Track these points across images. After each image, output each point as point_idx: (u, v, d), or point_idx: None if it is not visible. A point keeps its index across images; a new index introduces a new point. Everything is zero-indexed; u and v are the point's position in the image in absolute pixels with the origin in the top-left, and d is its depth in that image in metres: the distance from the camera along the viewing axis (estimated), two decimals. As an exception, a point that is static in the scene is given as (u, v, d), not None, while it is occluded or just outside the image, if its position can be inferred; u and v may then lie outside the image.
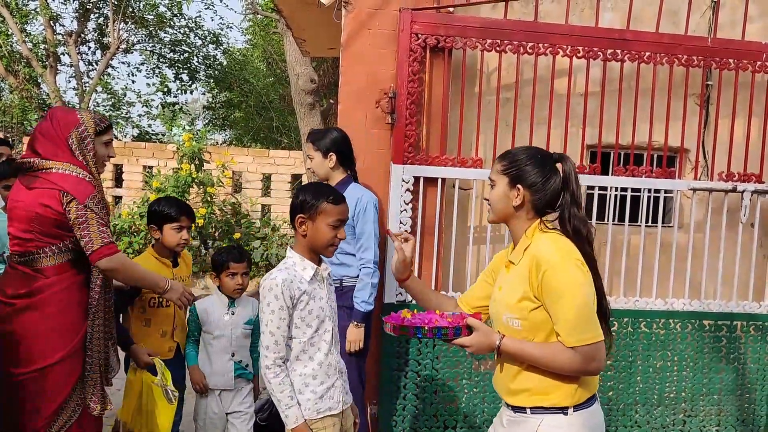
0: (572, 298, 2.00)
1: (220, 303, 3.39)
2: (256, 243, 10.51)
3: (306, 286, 2.44)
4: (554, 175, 2.15)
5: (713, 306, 4.13)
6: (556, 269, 2.01)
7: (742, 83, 4.16)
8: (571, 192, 2.15)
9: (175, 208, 3.34)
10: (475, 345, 2.10)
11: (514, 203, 2.16)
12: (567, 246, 2.09)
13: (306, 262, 2.48)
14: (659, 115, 4.08)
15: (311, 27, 6.00)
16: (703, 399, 4.17)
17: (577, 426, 2.09)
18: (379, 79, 3.99)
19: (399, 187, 3.85)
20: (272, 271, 2.46)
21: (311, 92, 9.85)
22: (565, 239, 2.12)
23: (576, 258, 2.05)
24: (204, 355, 3.38)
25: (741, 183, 4.14)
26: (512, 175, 2.16)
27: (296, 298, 2.41)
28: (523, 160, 2.16)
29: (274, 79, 17.53)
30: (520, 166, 2.15)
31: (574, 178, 2.16)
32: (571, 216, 2.14)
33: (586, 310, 2.01)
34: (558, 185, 2.15)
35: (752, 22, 4.27)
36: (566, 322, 2.00)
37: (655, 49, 4.00)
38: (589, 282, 2.05)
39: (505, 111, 4.07)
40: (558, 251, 2.05)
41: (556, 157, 2.20)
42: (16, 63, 14.86)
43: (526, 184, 2.14)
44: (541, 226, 2.16)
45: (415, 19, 3.84)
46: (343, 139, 3.65)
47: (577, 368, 2.03)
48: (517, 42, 3.91)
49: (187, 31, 17.43)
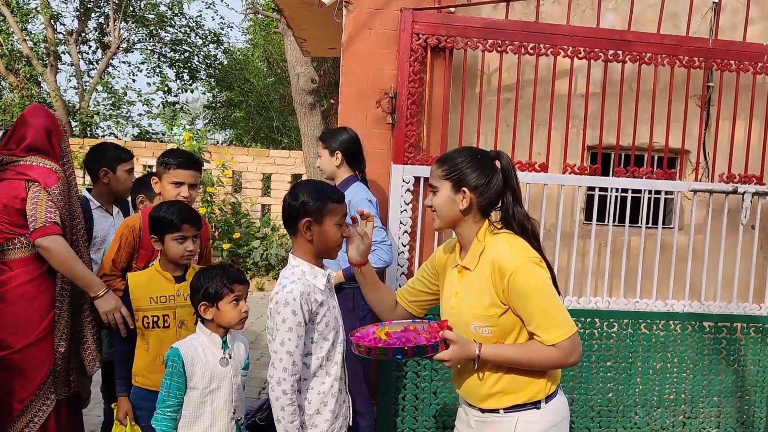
0: (543, 297, 2.03)
1: (211, 344, 2.56)
2: (256, 243, 10.51)
3: (320, 296, 2.27)
4: (495, 174, 2.14)
5: (713, 308, 4.12)
6: (520, 272, 2.01)
7: (743, 85, 4.16)
8: (512, 189, 2.16)
9: (177, 214, 2.81)
10: (454, 358, 2.06)
11: (461, 207, 2.13)
12: (522, 246, 2.10)
13: (316, 269, 2.30)
14: (660, 116, 4.07)
15: (312, 27, 6.00)
16: (703, 401, 4.16)
17: (552, 415, 2.14)
18: (379, 79, 3.99)
19: (399, 188, 3.84)
20: (284, 283, 2.23)
21: (312, 92, 9.85)
22: (517, 238, 2.12)
23: (534, 256, 2.08)
24: (192, 418, 2.51)
25: (742, 185, 4.14)
26: (455, 178, 2.13)
27: (314, 312, 2.24)
28: (464, 162, 2.13)
29: (275, 79, 17.54)
30: (461, 168, 2.13)
31: (513, 174, 2.17)
32: (515, 213, 2.15)
33: (557, 306, 2.05)
34: (500, 183, 2.14)
35: (753, 24, 4.27)
36: (542, 321, 2.02)
37: (656, 50, 4.00)
38: (549, 278, 2.08)
39: (505, 112, 4.07)
40: (517, 254, 2.05)
41: (493, 155, 2.19)
42: (16, 62, 14.87)
43: (470, 186, 2.12)
44: (490, 228, 2.15)
45: (416, 19, 3.83)
46: (352, 140, 3.64)
47: (559, 363, 2.07)
48: (518, 42, 3.91)
49: (188, 30, 17.46)
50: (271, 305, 2.22)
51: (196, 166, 3.11)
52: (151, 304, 2.80)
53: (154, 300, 2.80)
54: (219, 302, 2.51)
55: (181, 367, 2.46)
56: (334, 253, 2.35)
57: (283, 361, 2.17)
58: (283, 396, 2.17)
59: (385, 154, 4.00)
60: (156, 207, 2.89)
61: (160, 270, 2.85)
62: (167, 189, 3.04)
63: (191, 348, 2.51)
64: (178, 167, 3.04)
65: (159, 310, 2.80)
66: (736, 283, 4.17)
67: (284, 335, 2.16)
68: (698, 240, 4.22)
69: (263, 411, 3.90)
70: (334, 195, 2.30)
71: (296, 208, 2.26)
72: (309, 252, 2.29)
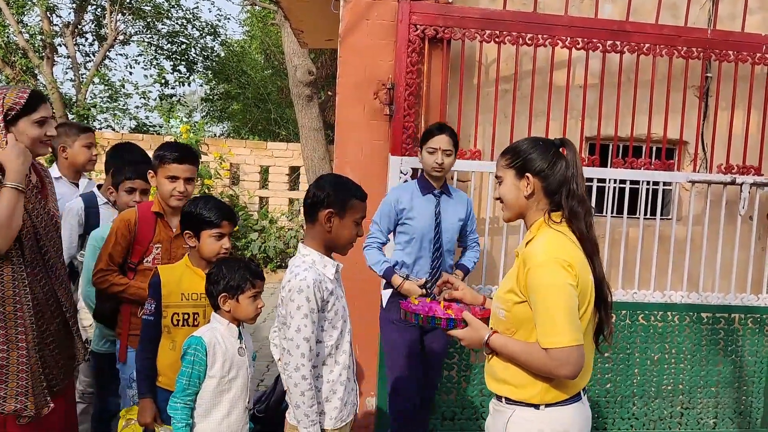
0: (549, 300, 1.98)
1: (229, 334, 2.57)
2: (254, 235, 10.51)
3: (330, 285, 2.32)
4: (559, 160, 2.13)
5: (711, 299, 4.13)
6: (538, 268, 2.00)
7: (742, 75, 4.15)
8: (572, 176, 2.13)
9: (216, 211, 2.73)
10: (467, 338, 2.17)
11: (525, 192, 2.14)
12: (559, 246, 2.05)
13: (325, 259, 2.35)
14: (658, 107, 4.06)
15: (309, 18, 5.98)
16: (701, 391, 4.18)
17: (548, 421, 2.07)
18: (377, 70, 3.97)
19: (397, 179, 3.83)
20: (296, 271, 2.26)
21: (309, 84, 9.82)
22: (563, 238, 2.07)
23: (563, 259, 2.00)
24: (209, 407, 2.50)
25: (740, 175, 4.14)
26: (518, 165, 2.14)
27: (325, 300, 2.29)
28: (526, 150, 2.14)
29: (272, 71, 17.49)
30: (524, 155, 2.14)
31: (578, 161, 2.15)
32: (569, 196, 2.12)
33: (563, 313, 1.96)
34: (564, 169, 2.12)
35: (752, 14, 4.25)
36: (543, 322, 1.99)
37: (654, 40, 3.98)
38: (571, 284, 1.99)
39: (503, 103, 4.06)
40: (546, 251, 2.02)
41: (557, 143, 2.18)
42: (12, 54, 14.80)
43: (534, 171, 2.12)
44: (548, 221, 2.12)
45: (414, 9, 3.82)
46: None
47: (547, 370, 1.99)
48: (516, 33, 3.89)
49: (185, 22, 17.38)
50: (283, 293, 2.26)
51: (192, 160, 3.04)
52: (182, 300, 2.72)
53: (186, 297, 2.73)
54: (240, 296, 2.52)
55: (203, 355, 2.46)
56: (346, 249, 2.41)
57: (300, 347, 2.22)
58: (303, 381, 2.22)
59: (382, 145, 3.99)
60: (192, 202, 2.78)
61: (191, 266, 2.76)
62: (163, 183, 2.97)
63: (213, 337, 2.50)
64: (173, 162, 2.96)
65: (189, 307, 2.73)
66: (734, 274, 4.18)
67: (300, 322, 2.21)
68: (696, 231, 4.22)
69: (261, 402, 3.91)
70: (359, 191, 2.38)
71: (321, 198, 2.32)
72: (319, 242, 2.35)
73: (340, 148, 4.04)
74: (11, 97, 2.44)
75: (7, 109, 2.43)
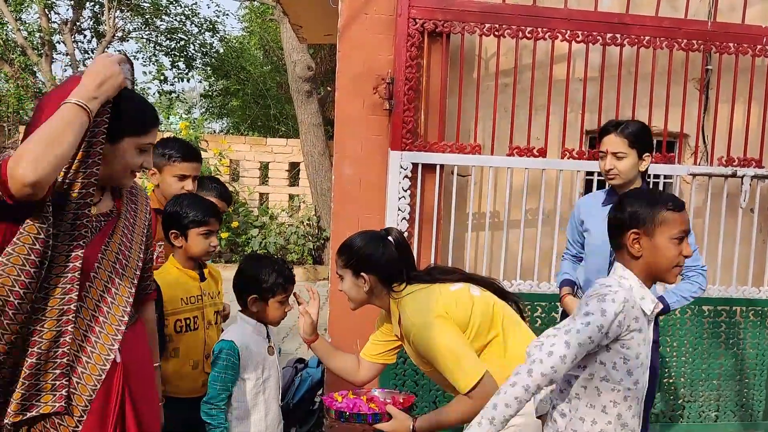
0: (441, 354, 2.13)
1: (257, 334, 2.52)
2: (254, 231, 10.50)
3: (640, 320, 1.89)
4: (387, 250, 2.32)
5: (713, 291, 4.12)
6: (417, 337, 2.17)
7: (742, 68, 4.13)
8: (406, 260, 2.35)
9: (201, 208, 2.65)
10: (393, 430, 2.24)
11: (365, 288, 2.32)
12: (419, 308, 2.21)
13: (645, 290, 1.94)
14: (659, 100, 4.05)
15: (308, 13, 5.96)
16: (702, 384, 4.17)
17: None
18: (376, 65, 3.96)
19: (397, 174, 3.82)
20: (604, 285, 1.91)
21: (308, 79, 9.81)
22: (417, 297, 2.26)
23: (430, 316, 2.16)
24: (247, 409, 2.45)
25: (741, 168, 4.13)
26: (353, 266, 2.32)
27: (627, 327, 1.86)
28: (357, 250, 2.32)
29: (271, 67, 17.45)
30: (357, 256, 2.31)
31: (405, 245, 2.37)
32: (414, 278, 2.32)
33: (458, 357, 2.11)
34: (395, 256, 2.32)
35: (752, 6, 4.23)
36: (451, 374, 2.13)
37: (654, 33, 3.97)
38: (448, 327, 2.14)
39: (503, 97, 4.04)
40: (412, 321, 2.19)
41: (383, 233, 2.38)
42: (11, 52, 14.77)
43: (368, 270, 2.30)
44: (392, 295, 2.32)
45: (413, 3, 3.80)
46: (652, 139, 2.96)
47: (477, 411, 1.87)
48: (515, 27, 3.88)
49: (183, 18, 17.34)
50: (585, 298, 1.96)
51: (198, 157, 3.01)
52: (182, 305, 2.64)
53: (185, 301, 2.66)
54: (270, 299, 2.47)
55: (236, 359, 2.39)
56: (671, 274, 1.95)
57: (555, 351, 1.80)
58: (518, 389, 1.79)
59: (382, 140, 3.98)
60: (174, 201, 2.69)
61: (181, 268, 2.68)
62: (169, 182, 2.89)
63: (243, 339, 2.44)
64: (183, 160, 2.90)
65: (189, 311, 2.67)
66: (736, 267, 4.17)
67: (581, 324, 1.82)
68: (697, 223, 4.21)
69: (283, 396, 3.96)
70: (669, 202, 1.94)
71: (624, 219, 1.95)
72: (640, 269, 1.95)
73: (339, 144, 4.03)
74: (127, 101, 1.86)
75: None
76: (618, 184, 2.86)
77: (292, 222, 11.05)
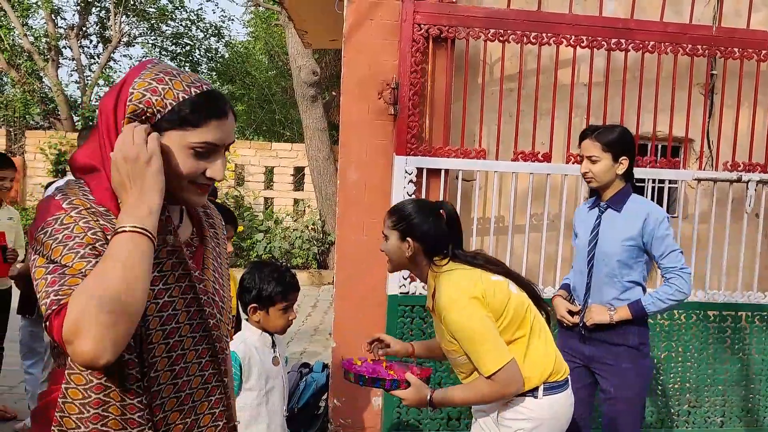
0: (470, 335, 2.17)
1: (262, 344, 2.48)
2: (259, 236, 10.52)
3: None
4: (438, 222, 2.35)
5: (718, 296, 4.11)
6: (450, 314, 2.19)
7: (747, 72, 4.13)
8: (455, 235, 2.37)
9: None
10: (410, 398, 2.29)
11: (407, 254, 2.34)
12: (457, 286, 2.23)
13: None
14: (664, 104, 4.05)
15: (313, 18, 5.98)
16: (708, 390, 4.16)
17: (543, 408, 2.25)
18: (381, 70, 3.97)
19: (402, 179, 3.83)
20: None
21: (313, 84, 9.84)
22: (457, 274, 2.27)
23: (466, 296, 2.19)
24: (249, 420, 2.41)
25: (746, 173, 4.12)
26: (401, 229, 2.34)
27: None
28: (409, 214, 2.34)
29: (276, 72, 17.51)
30: (407, 220, 2.34)
31: (456, 221, 2.39)
32: (457, 256, 2.34)
33: (487, 339, 2.16)
34: (444, 230, 2.34)
35: (756, 11, 4.24)
36: (477, 357, 2.17)
37: (659, 38, 3.97)
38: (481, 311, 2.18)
39: (508, 102, 4.05)
40: (449, 297, 2.21)
41: (437, 205, 2.41)
42: (17, 57, 14.86)
43: (415, 235, 2.32)
44: (433, 269, 2.33)
45: (418, 9, 3.81)
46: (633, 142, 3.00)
47: (498, 395, 2.18)
48: (520, 32, 3.89)
49: (189, 23, 17.44)
50: None
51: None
52: None
53: None
54: (270, 308, 2.44)
55: (238, 370, 2.36)
56: None
57: None
58: None
59: (387, 145, 3.99)
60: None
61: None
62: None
63: (246, 349, 2.41)
64: None
65: None
66: (741, 272, 4.16)
67: None
68: (702, 229, 4.20)
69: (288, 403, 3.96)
70: None
71: None
72: None
73: (344, 148, 4.04)
74: (176, 89, 1.32)
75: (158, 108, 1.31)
76: (594, 187, 2.94)
77: (296, 226, 11.07)
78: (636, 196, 2.95)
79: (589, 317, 2.88)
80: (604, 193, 2.93)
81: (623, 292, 2.88)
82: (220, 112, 1.36)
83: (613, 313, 2.84)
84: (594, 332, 2.90)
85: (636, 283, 2.89)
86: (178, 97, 1.31)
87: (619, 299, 2.88)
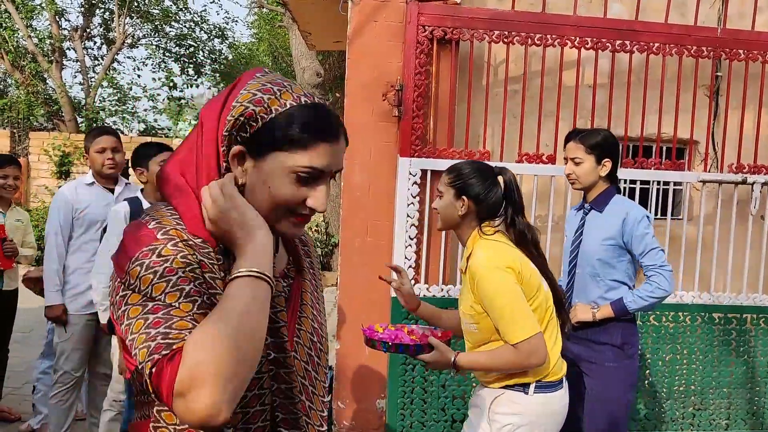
0: (501, 301, 2.19)
1: None
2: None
3: None
4: (495, 187, 2.35)
5: (723, 299, 4.10)
6: (483, 278, 2.21)
7: (752, 74, 4.12)
8: (513, 201, 2.35)
9: None
10: (433, 361, 2.31)
11: (459, 212, 2.35)
12: (497, 254, 2.26)
13: None
14: (668, 106, 4.04)
15: (317, 20, 5.98)
16: (713, 392, 4.15)
17: (535, 405, 2.27)
18: (385, 71, 3.97)
19: (406, 181, 3.83)
20: None
21: (317, 86, 9.85)
22: (498, 245, 2.29)
23: (503, 264, 2.22)
24: None
25: (751, 175, 4.11)
26: (458, 187, 2.35)
27: None
28: (467, 174, 2.35)
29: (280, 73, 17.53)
30: (464, 179, 2.34)
31: (515, 188, 2.37)
32: (516, 222, 2.35)
33: (517, 308, 2.19)
34: (499, 196, 2.35)
35: (761, 13, 4.23)
36: (504, 324, 2.20)
37: (664, 40, 3.97)
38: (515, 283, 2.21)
39: (512, 103, 4.04)
40: (486, 261, 2.24)
41: (497, 171, 2.39)
42: (22, 58, 14.89)
43: (470, 195, 2.33)
44: (479, 233, 2.33)
45: (422, 11, 3.81)
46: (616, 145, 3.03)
47: (519, 365, 2.21)
48: (524, 34, 3.88)
49: (193, 25, 17.48)
50: None
51: None
52: None
53: None
54: None
55: None
56: None
57: None
58: None
59: (391, 147, 3.99)
60: None
61: None
62: None
63: None
64: None
65: None
66: (746, 274, 4.15)
67: None
68: (707, 231, 4.19)
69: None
70: None
71: None
72: None
73: (348, 150, 4.02)
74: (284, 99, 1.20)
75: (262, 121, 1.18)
76: (578, 188, 3.04)
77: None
78: (619, 197, 3.01)
79: (573, 315, 2.93)
80: (588, 195, 3.02)
81: (607, 291, 2.95)
82: (332, 133, 1.22)
83: (596, 311, 2.91)
84: (579, 330, 2.96)
85: (621, 283, 2.96)
86: (285, 112, 1.17)
87: (604, 298, 2.94)
